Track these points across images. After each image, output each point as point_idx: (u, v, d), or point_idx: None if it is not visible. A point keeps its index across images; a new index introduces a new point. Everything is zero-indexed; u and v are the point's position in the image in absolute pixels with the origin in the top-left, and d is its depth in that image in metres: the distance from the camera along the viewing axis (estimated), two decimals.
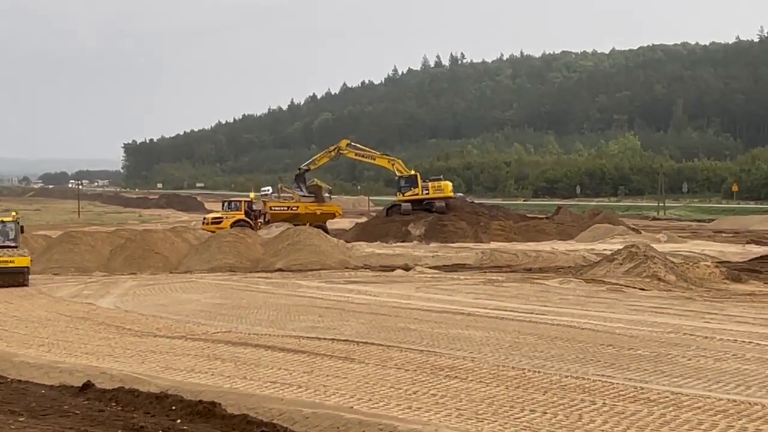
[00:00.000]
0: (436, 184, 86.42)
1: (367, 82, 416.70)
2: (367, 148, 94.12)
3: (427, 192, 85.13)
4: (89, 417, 16.53)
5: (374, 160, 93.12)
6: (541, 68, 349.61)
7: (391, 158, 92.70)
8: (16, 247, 48.45)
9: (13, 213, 53.40)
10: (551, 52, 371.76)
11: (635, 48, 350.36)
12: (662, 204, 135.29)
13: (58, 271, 55.70)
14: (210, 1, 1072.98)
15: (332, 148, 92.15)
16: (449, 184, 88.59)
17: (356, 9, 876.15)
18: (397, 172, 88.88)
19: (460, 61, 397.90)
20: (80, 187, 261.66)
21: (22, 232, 50.93)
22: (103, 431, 15.27)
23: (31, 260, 50.84)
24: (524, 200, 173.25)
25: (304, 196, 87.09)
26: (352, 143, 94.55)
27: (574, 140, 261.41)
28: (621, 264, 46.07)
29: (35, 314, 35.02)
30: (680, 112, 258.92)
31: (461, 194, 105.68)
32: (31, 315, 34.80)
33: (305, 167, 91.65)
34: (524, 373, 21.71)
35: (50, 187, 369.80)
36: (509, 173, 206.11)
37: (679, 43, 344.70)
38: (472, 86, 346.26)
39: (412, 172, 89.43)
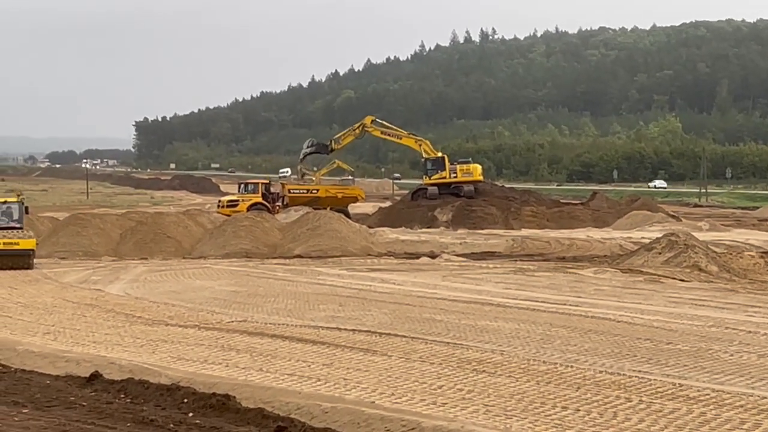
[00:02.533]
0: (464, 167, 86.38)
1: (392, 58, 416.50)
2: (394, 127, 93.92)
3: (454, 175, 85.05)
4: (96, 409, 16.58)
5: (400, 139, 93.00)
6: (577, 45, 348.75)
7: (419, 138, 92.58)
8: (20, 228, 48.76)
9: (17, 193, 53.69)
10: (588, 29, 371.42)
11: (677, 24, 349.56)
12: (704, 190, 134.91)
13: (65, 255, 55.88)
14: None
15: (356, 125, 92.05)
16: (478, 167, 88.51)
17: None
18: (424, 153, 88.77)
19: (490, 37, 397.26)
20: (89, 167, 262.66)
21: (26, 213, 51.24)
22: (111, 424, 15.31)
23: (37, 243, 51.13)
24: (558, 185, 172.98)
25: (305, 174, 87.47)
26: (378, 120, 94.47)
27: (611, 122, 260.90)
28: (660, 253, 45.98)
29: (41, 300, 35.13)
30: (725, 92, 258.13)
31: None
32: (37, 301, 34.90)
33: (326, 146, 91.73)
34: (556, 367, 21.68)
35: (57, 166, 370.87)
36: (542, 156, 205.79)
37: (723, 19, 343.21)
38: (503, 64, 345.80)
39: (440, 154, 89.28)
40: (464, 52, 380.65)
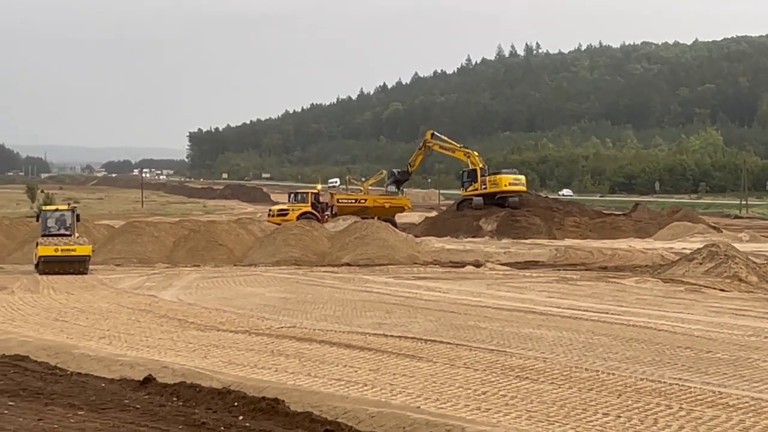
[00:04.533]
0: (492, 178, 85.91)
1: (439, 71, 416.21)
2: (449, 140, 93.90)
3: (484, 187, 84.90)
4: (150, 412, 16.66)
5: (454, 152, 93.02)
6: (620, 59, 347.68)
7: (467, 150, 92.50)
8: (70, 235, 49.60)
9: (70, 202, 54.50)
10: (631, 43, 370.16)
11: (719, 39, 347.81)
12: (745, 202, 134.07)
13: (121, 261, 56.19)
14: None
15: (420, 145, 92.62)
16: (523, 177, 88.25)
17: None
18: (470, 164, 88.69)
19: (535, 51, 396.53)
20: (144, 176, 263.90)
21: (78, 220, 51.85)
22: (163, 426, 15.37)
23: (93, 250, 51.59)
24: (601, 196, 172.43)
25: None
26: (436, 134, 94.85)
27: (653, 134, 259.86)
28: (701, 264, 45.78)
29: (96, 306, 35.33)
30: (765, 106, 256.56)
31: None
32: (93, 306, 35.10)
33: (406, 172, 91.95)
34: (598, 375, 21.62)
35: (114, 175, 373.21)
36: (585, 168, 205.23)
37: (764, 34, 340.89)
38: (547, 77, 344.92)
39: (482, 165, 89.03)
40: (509, 66, 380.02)
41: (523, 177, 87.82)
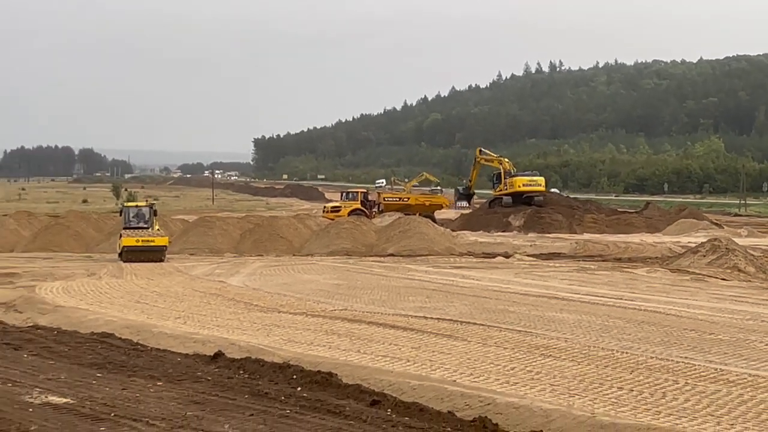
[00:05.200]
0: (510, 180, 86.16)
1: (473, 85, 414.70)
2: (491, 153, 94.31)
3: (506, 188, 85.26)
4: (220, 383, 16.72)
5: (494, 162, 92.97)
6: (633, 75, 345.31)
7: (502, 159, 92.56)
8: (148, 228, 50.03)
9: (149, 199, 55.05)
10: (643, 61, 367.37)
11: (721, 58, 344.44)
12: (744, 201, 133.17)
13: (194, 251, 56.39)
14: (336, 11, 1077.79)
15: (474, 162, 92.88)
16: (542, 179, 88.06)
17: (465, 21, 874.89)
18: (502, 168, 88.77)
19: (558, 68, 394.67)
20: (216, 177, 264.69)
21: (155, 215, 52.27)
22: (231, 396, 15.43)
23: (170, 241, 51.90)
24: (616, 196, 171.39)
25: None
26: (483, 149, 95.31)
27: (663, 142, 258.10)
28: (704, 256, 45.52)
29: (173, 290, 35.46)
30: (762, 117, 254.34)
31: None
32: (170, 291, 35.24)
33: (468, 188, 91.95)
34: (613, 353, 21.54)
35: (188, 176, 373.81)
36: (602, 171, 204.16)
37: (762, 54, 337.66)
38: (569, 91, 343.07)
39: (509, 169, 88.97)
40: (536, 81, 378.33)
41: (541, 179, 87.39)
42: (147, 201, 54.20)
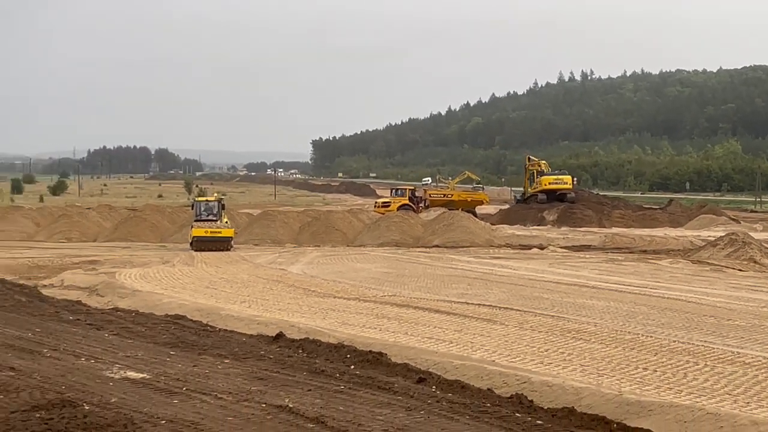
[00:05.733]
0: (539, 179, 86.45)
1: (511, 92, 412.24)
2: (535, 158, 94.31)
3: (537, 186, 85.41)
4: (281, 361, 16.77)
5: (536, 166, 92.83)
6: (658, 83, 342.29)
7: (542, 162, 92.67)
8: (216, 220, 50.31)
9: (216, 194, 55.41)
10: (667, 70, 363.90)
11: (739, 68, 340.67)
12: (759, 199, 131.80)
13: (258, 242, 56.61)
14: (386, 26, 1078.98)
15: (525, 170, 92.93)
16: (569, 177, 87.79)
17: (505, 31, 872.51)
18: (535, 170, 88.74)
19: (589, 77, 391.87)
20: (279, 174, 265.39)
21: (223, 209, 52.58)
22: (291, 373, 15.47)
23: (236, 232, 52.18)
24: (641, 193, 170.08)
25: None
26: (531, 157, 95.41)
27: (684, 144, 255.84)
28: (722, 248, 45.13)
29: (239, 277, 35.63)
30: None
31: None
32: (236, 277, 35.40)
33: (523, 194, 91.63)
34: (638, 337, 21.43)
35: (252, 174, 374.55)
36: (629, 170, 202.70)
37: None
38: (599, 98, 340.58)
39: (543, 170, 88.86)
40: (569, 88, 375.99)
41: (568, 177, 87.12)
42: (216, 196, 54.41)
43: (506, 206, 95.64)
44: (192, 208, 54.91)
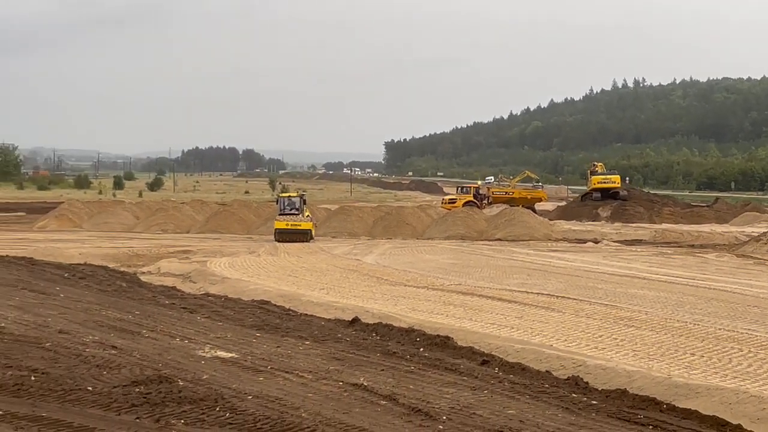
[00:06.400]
0: (590, 178, 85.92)
1: (569, 98, 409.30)
2: (597, 163, 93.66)
3: (590, 184, 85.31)
4: (356, 343, 16.81)
5: (595, 168, 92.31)
6: (706, 90, 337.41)
7: (599, 164, 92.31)
8: (298, 215, 50.60)
9: (298, 190, 55.97)
10: (715, 78, 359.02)
11: None
12: None
13: (335, 234, 56.87)
14: (455, 34, 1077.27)
15: (588, 173, 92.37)
16: (617, 177, 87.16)
17: (562, 42, 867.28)
18: (594, 170, 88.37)
19: (641, 84, 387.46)
20: (356, 173, 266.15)
21: (305, 203, 52.90)
22: (366, 354, 15.50)
23: (315, 226, 52.46)
24: (689, 192, 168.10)
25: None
26: (594, 163, 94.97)
27: (730, 147, 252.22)
28: (765, 243, 44.50)
29: (318, 266, 35.80)
30: None
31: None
32: (315, 266, 35.58)
33: (588, 195, 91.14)
34: (686, 325, 21.18)
35: (330, 172, 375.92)
36: (678, 171, 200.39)
37: None
38: (650, 103, 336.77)
39: (598, 170, 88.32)
40: (622, 95, 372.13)
41: (616, 177, 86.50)
42: (298, 192, 54.99)
43: (563, 203, 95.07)
44: (277, 203, 55.41)
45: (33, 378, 10.17)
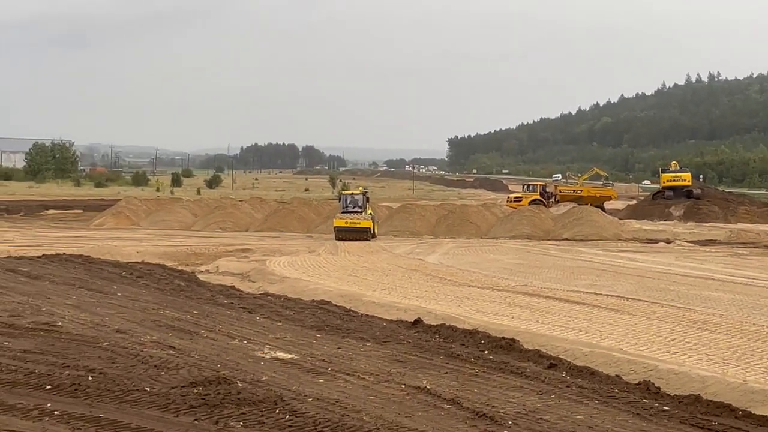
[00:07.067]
0: (663, 176, 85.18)
1: (640, 93, 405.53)
2: (673, 163, 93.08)
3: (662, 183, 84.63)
4: (419, 345, 16.82)
5: (669, 165, 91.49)
6: None
7: (674, 162, 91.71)
8: (361, 212, 50.72)
9: (361, 188, 56.20)
10: None
11: None
12: None
13: (397, 233, 56.89)
14: (520, 28, 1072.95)
15: (660, 171, 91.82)
16: (687, 174, 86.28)
17: (633, 35, 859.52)
18: (670, 167, 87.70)
19: (716, 78, 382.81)
20: (421, 170, 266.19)
21: (368, 201, 53.07)
22: (429, 356, 15.50)
23: (375, 224, 52.55)
24: (767, 191, 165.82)
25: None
26: (672, 163, 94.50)
27: None
28: None
29: (379, 266, 35.84)
30: None
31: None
32: (377, 266, 35.62)
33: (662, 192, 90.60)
34: (763, 329, 20.87)
35: (392, 170, 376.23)
36: (754, 168, 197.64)
37: None
38: (725, 98, 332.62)
39: (672, 168, 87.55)
40: (695, 89, 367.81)
41: (687, 174, 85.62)
42: (361, 189, 55.33)
43: (634, 202, 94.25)
44: (339, 201, 55.72)
45: (90, 378, 10.30)
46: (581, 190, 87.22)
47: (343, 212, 51.62)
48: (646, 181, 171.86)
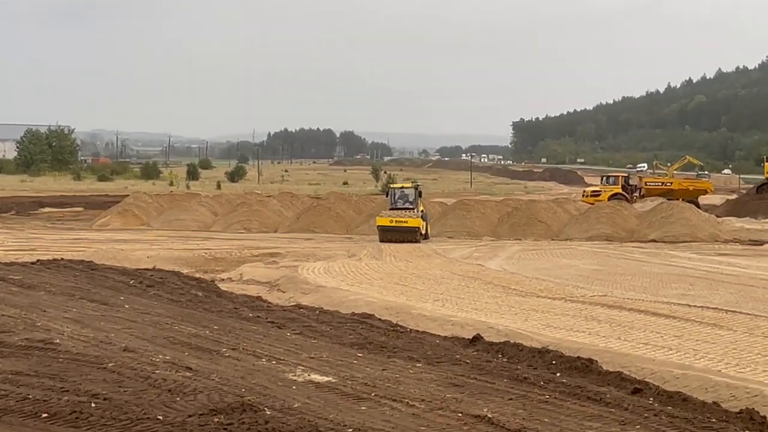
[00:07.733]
0: (766, 165, 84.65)
1: (741, 67, 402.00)
2: None
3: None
4: (478, 366, 16.79)
5: None
6: None
7: None
8: (413, 209, 50.79)
9: (412, 181, 56.30)
10: None
11: None
12: None
13: (452, 234, 56.95)
14: None
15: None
16: None
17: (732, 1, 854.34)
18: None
19: None
20: (473, 160, 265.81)
21: (420, 197, 53.08)
22: (490, 380, 15.47)
23: (427, 223, 52.51)
24: None
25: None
26: None
27: None
28: None
29: (431, 273, 35.81)
30: None
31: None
32: (428, 273, 35.60)
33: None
34: None
35: (446, 159, 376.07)
36: None
37: None
38: None
39: None
40: None
41: None
42: (412, 183, 55.54)
43: (734, 196, 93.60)
44: (387, 196, 55.81)
45: (93, 405, 10.39)
46: (671, 183, 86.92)
47: (392, 209, 51.62)
48: (748, 173, 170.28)
